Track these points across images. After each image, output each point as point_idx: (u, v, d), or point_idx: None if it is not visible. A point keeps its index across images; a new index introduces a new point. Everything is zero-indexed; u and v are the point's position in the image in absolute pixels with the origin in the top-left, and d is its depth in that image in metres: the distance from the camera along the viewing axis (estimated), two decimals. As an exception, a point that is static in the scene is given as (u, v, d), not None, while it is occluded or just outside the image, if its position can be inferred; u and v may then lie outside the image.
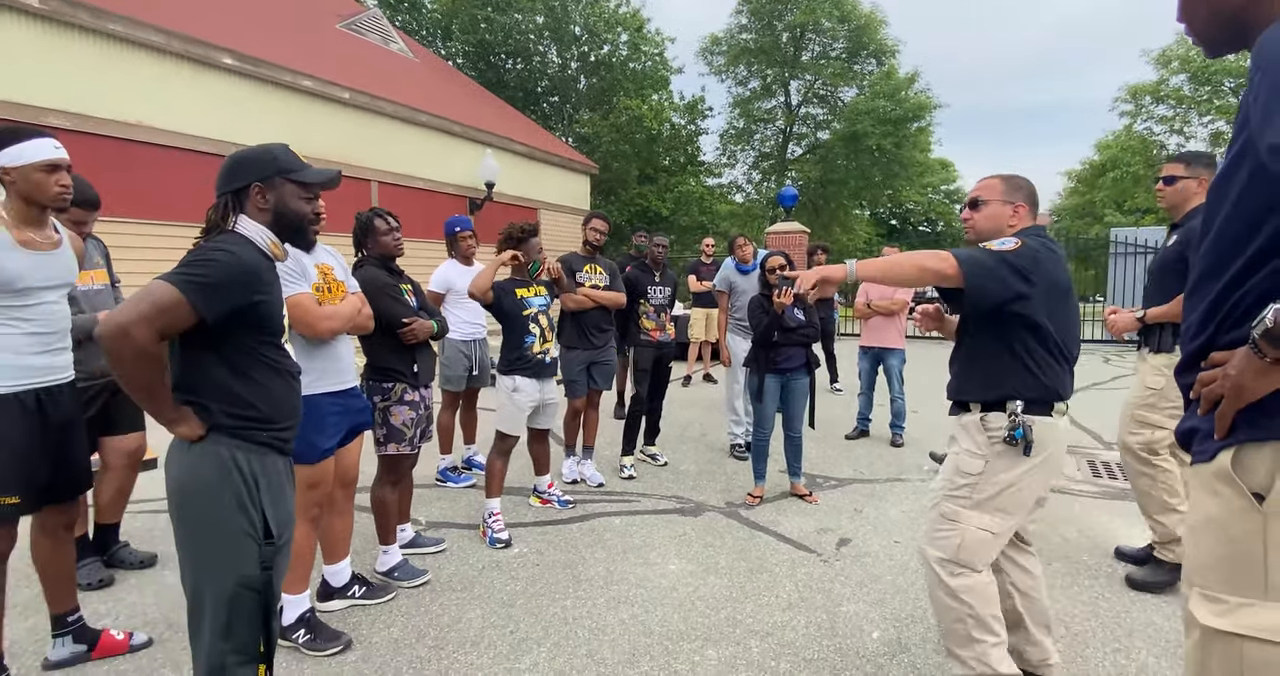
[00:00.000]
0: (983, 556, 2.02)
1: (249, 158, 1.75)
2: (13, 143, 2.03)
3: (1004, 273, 1.89)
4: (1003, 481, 1.99)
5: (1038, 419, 1.97)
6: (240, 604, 1.63)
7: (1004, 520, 2.01)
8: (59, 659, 2.32)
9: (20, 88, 6.44)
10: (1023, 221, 2.12)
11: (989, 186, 2.17)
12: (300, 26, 11.50)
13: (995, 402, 2.02)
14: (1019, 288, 1.90)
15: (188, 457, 1.63)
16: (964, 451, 2.07)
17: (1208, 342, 1.10)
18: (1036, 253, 1.93)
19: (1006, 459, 1.98)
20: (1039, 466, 1.99)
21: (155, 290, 1.50)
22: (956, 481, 2.06)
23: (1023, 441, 1.94)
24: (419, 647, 2.50)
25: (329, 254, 2.72)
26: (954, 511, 2.05)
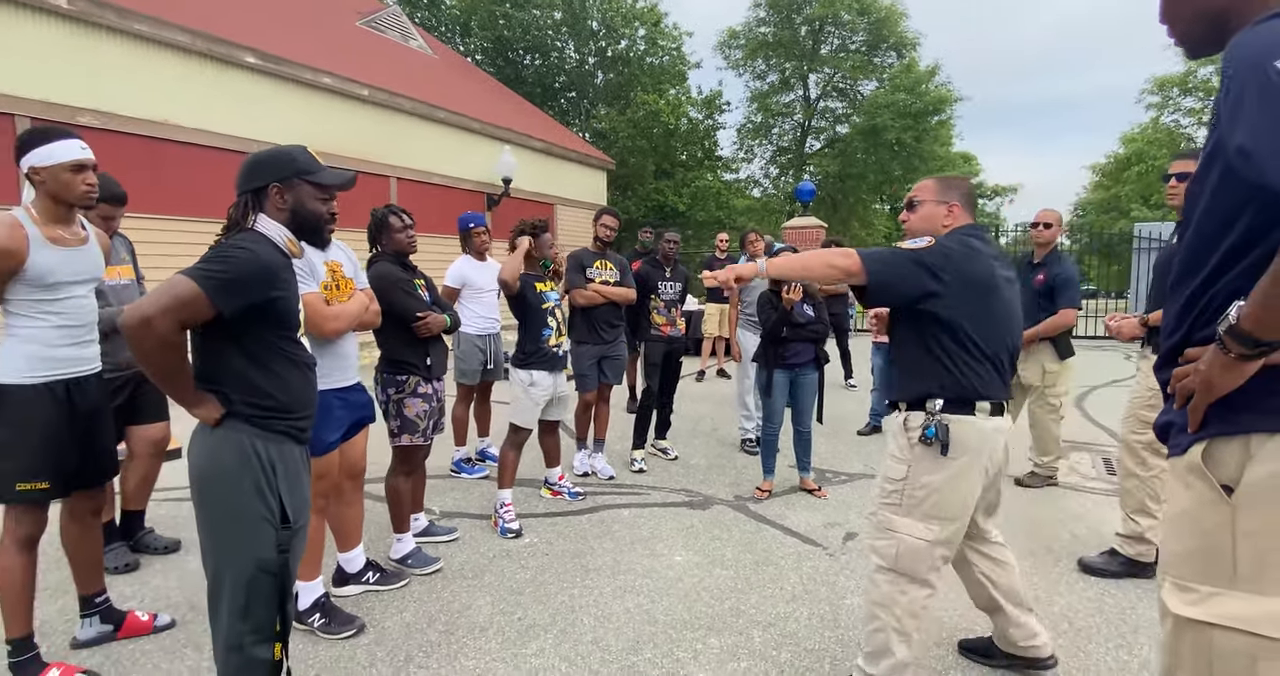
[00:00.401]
0: (920, 565, 1.98)
1: (269, 159, 1.82)
2: (42, 144, 2.11)
3: (910, 270, 1.90)
4: (928, 485, 1.95)
5: (957, 418, 1.94)
6: (258, 585, 1.71)
7: (940, 527, 1.96)
8: (87, 638, 2.43)
9: (53, 87, 6.61)
10: (958, 220, 2.12)
11: (924, 187, 2.19)
12: (321, 24, 11.65)
13: (916, 402, 2.01)
14: (928, 286, 1.90)
15: (210, 445, 1.71)
16: (890, 456, 2.07)
17: (1183, 339, 1.12)
18: (949, 250, 1.93)
19: (928, 461, 1.95)
20: (965, 468, 1.95)
21: (176, 284, 1.57)
22: (886, 487, 2.05)
23: (938, 441, 1.92)
24: (430, 632, 2.57)
25: (340, 250, 2.79)
26: (888, 519, 2.03)
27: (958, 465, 1.94)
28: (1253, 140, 0.91)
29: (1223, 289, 1.05)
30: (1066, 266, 4.13)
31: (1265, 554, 1.01)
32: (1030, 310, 4.21)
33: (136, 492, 3.24)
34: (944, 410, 1.94)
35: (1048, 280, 4.11)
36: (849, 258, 1.91)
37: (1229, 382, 1.02)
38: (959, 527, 2.00)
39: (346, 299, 2.65)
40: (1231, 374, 1.01)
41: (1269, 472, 1.01)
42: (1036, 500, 4.08)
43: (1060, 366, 4.19)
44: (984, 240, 2.05)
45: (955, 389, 1.95)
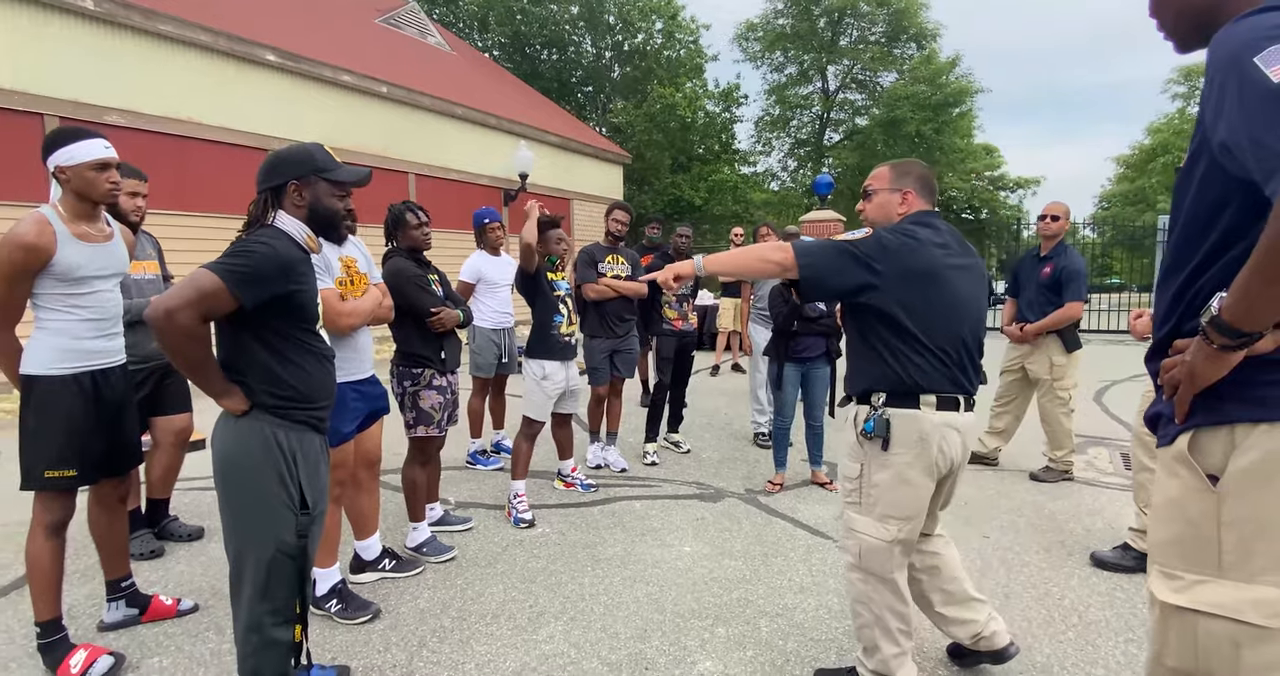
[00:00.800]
0: (883, 564, 1.96)
1: (288, 157, 1.88)
2: (67, 143, 2.19)
3: (844, 263, 1.86)
4: (881, 483, 1.93)
5: (899, 412, 1.90)
6: (278, 568, 1.78)
7: (897, 527, 1.93)
8: (113, 621, 2.52)
9: (81, 87, 6.78)
10: (913, 207, 2.07)
11: (878, 175, 2.14)
12: (340, 22, 11.77)
13: (863, 396, 1.99)
14: (862, 277, 1.86)
15: (233, 434, 1.78)
16: (844, 454, 2.06)
17: (1173, 331, 1.13)
18: (886, 241, 1.88)
19: (878, 458, 1.92)
20: (913, 463, 1.90)
21: (199, 277, 1.64)
22: (846, 486, 2.04)
23: (878, 436, 1.89)
24: (443, 618, 2.63)
25: (354, 245, 2.85)
26: (850, 518, 2.02)
27: (903, 461, 1.91)
28: (1234, 135, 0.92)
29: (1208, 281, 1.06)
30: (1073, 259, 4.09)
31: (1249, 541, 1.02)
32: (1037, 303, 4.18)
33: (161, 481, 3.34)
34: (886, 404, 1.92)
35: (1054, 273, 4.08)
36: (783, 252, 1.87)
37: (1213, 373, 1.02)
38: (916, 525, 1.97)
39: (360, 294, 2.71)
40: (1215, 364, 1.01)
41: (1252, 461, 1.02)
42: (1051, 495, 4.06)
43: (1068, 359, 4.15)
44: (932, 228, 1.98)
45: (896, 382, 1.91)
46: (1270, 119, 0.87)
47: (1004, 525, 3.61)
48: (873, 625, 2.01)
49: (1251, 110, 0.89)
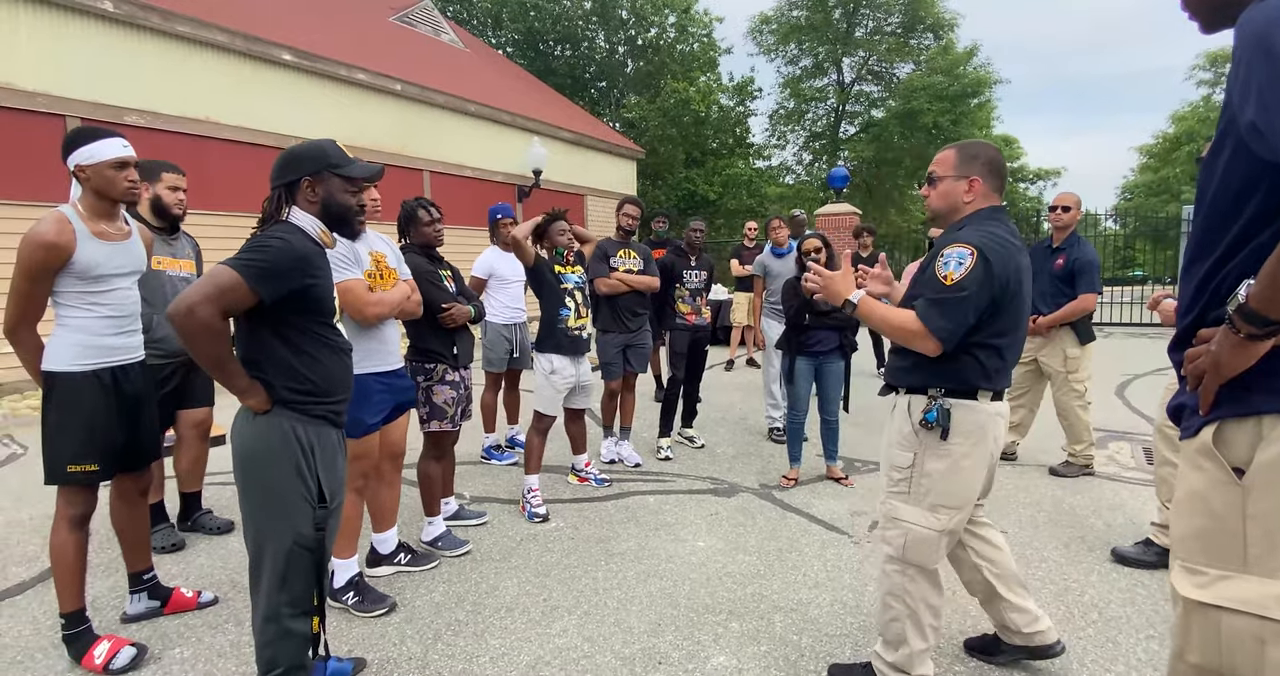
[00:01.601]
0: (930, 555, 1.96)
1: (301, 153, 1.89)
2: (86, 143, 2.22)
3: (967, 310, 1.83)
4: (934, 473, 1.92)
5: (959, 402, 1.90)
6: (296, 560, 1.80)
7: (948, 516, 1.93)
8: (135, 613, 2.57)
9: (101, 88, 6.87)
10: (979, 196, 1.98)
11: (942, 159, 2.04)
12: (354, 20, 11.83)
13: (918, 388, 1.97)
14: (979, 309, 1.85)
15: (252, 429, 1.80)
16: (894, 444, 2.02)
17: (1197, 320, 1.10)
18: (993, 269, 1.82)
19: (932, 448, 1.92)
20: (969, 453, 1.91)
21: (218, 274, 1.66)
22: (894, 476, 2.01)
23: (938, 426, 1.88)
24: (458, 611, 2.65)
25: (383, 242, 2.87)
26: (895, 508, 2.00)
27: (961, 451, 1.90)
28: (1264, 115, 0.89)
29: (1235, 268, 1.03)
30: (1086, 250, 4.02)
31: (1275, 535, 0.99)
32: (1050, 295, 4.11)
33: (189, 474, 3.40)
34: (946, 395, 1.91)
35: (1067, 264, 4.02)
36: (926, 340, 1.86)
37: (1239, 363, 1.00)
38: (965, 515, 1.97)
39: (390, 287, 2.73)
40: (1242, 354, 0.99)
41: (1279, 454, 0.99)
42: (1071, 489, 4.00)
43: (1082, 351, 4.09)
44: (1010, 228, 1.95)
45: (960, 378, 1.91)
46: None
47: (1023, 520, 3.57)
48: (904, 619, 1.98)
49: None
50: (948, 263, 1.87)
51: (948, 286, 1.85)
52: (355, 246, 2.60)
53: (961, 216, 2.01)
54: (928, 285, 1.91)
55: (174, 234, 3.23)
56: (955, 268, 1.85)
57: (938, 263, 1.90)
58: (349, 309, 2.57)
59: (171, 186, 3.11)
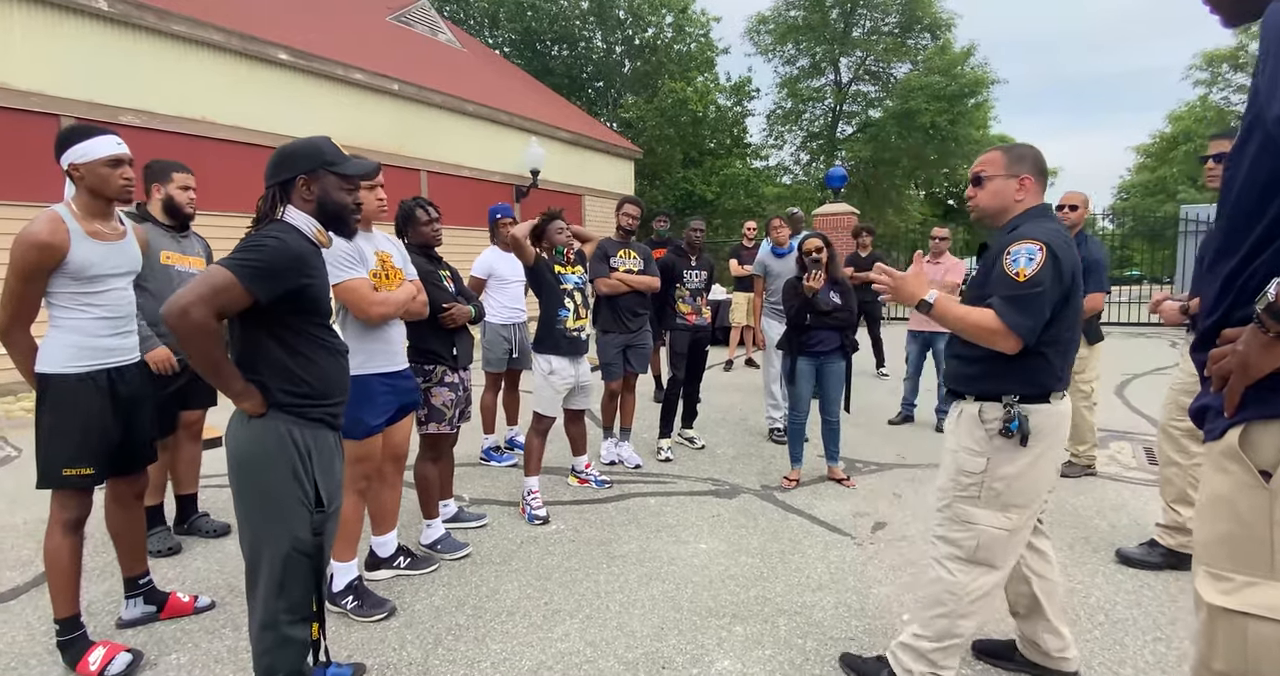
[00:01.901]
0: (1002, 554, 1.97)
1: (295, 151, 1.86)
2: (80, 141, 2.18)
3: (1042, 306, 1.84)
4: (1007, 476, 1.92)
5: (1035, 407, 1.91)
6: (293, 565, 1.77)
7: (1019, 515, 1.94)
8: (131, 618, 2.53)
9: (96, 88, 6.82)
10: (1030, 195, 2.00)
11: (990, 160, 2.06)
12: (351, 20, 11.79)
13: (990, 394, 1.96)
14: (1054, 306, 1.87)
15: (247, 432, 1.77)
16: (963, 449, 2.00)
17: (1222, 319, 1.08)
18: (1062, 265, 1.84)
19: (1007, 452, 1.92)
20: (1043, 454, 1.93)
21: (212, 274, 1.63)
22: (962, 481, 2.00)
23: (1018, 433, 1.88)
24: (458, 615, 2.62)
25: (389, 242, 2.84)
26: (967, 512, 1.98)
27: (1036, 453, 1.91)
28: None
29: (1262, 266, 1.00)
30: (1094, 249, 4.00)
31: None
32: None
33: (184, 476, 3.37)
34: (1021, 400, 1.91)
35: None
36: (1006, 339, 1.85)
37: (1268, 363, 0.97)
38: (1034, 511, 1.99)
39: (395, 288, 2.69)
40: (1270, 354, 0.96)
41: None
42: (1074, 490, 3.98)
43: (1090, 351, 4.07)
44: (1062, 225, 1.96)
45: (1034, 380, 1.92)
46: None
47: (1026, 521, 3.54)
48: (954, 615, 1.98)
49: None
50: (1017, 259, 1.86)
51: (1021, 283, 1.84)
52: (361, 246, 2.57)
53: (1012, 215, 2.02)
54: (999, 284, 1.89)
55: (184, 232, 3.23)
56: (1027, 264, 1.85)
57: (1005, 260, 1.89)
58: (353, 309, 2.53)
59: (182, 186, 3.15)
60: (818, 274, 3.82)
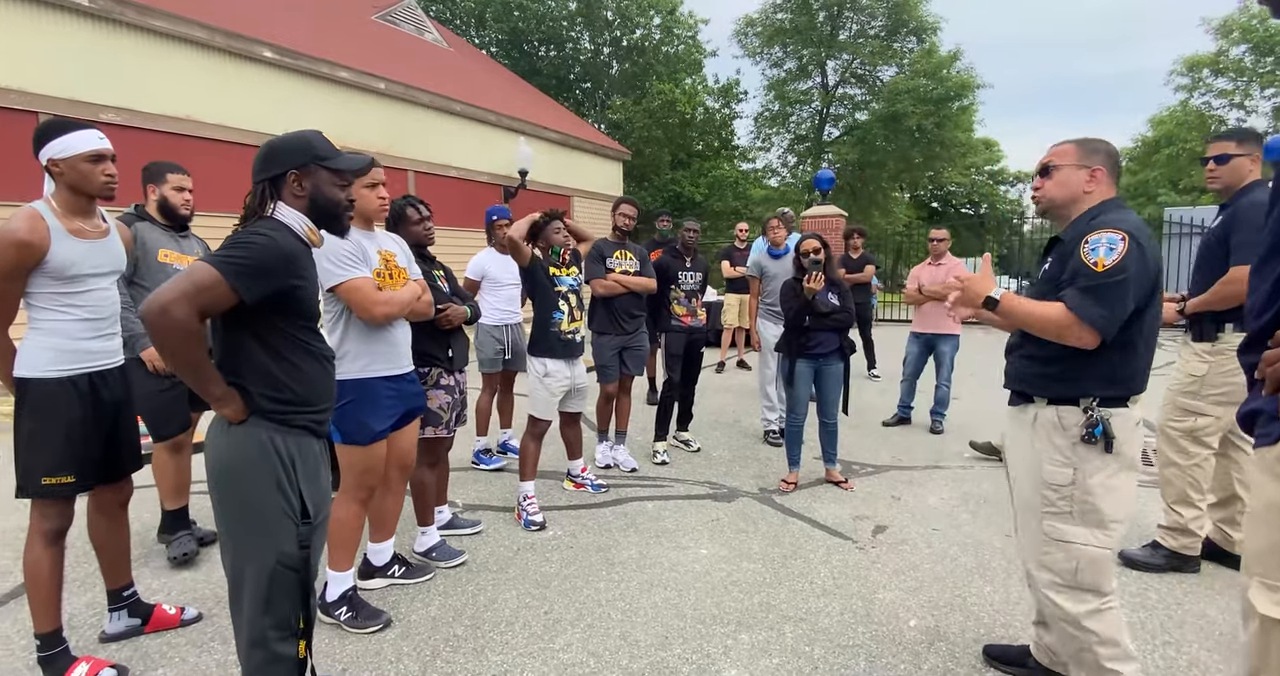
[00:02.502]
0: (1105, 575, 1.84)
1: (286, 145, 1.78)
2: (59, 135, 2.09)
3: (1124, 297, 1.73)
4: (1098, 486, 1.80)
5: (1115, 410, 1.80)
6: (280, 580, 1.68)
7: (1117, 528, 1.82)
8: (115, 632, 2.43)
9: (76, 85, 6.66)
10: (1101, 188, 1.90)
11: (1062, 152, 1.96)
12: (336, 18, 11.65)
13: (1066, 398, 1.84)
14: (1139, 301, 1.76)
15: (227, 440, 1.68)
16: (1045, 460, 1.87)
17: (1273, 320, 1.04)
18: (1145, 253, 1.74)
19: (1095, 461, 1.80)
20: (1132, 461, 1.82)
21: (196, 271, 1.54)
22: (1049, 496, 1.86)
23: (1102, 438, 1.77)
24: (456, 626, 2.54)
25: (393, 241, 2.76)
26: (1059, 530, 1.84)
27: (1124, 460, 1.81)
28: None
29: None
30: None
31: None
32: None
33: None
34: (1101, 404, 1.81)
35: None
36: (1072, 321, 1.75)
37: None
38: (1127, 526, 1.88)
39: (399, 287, 2.61)
40: None
41: None
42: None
43: None
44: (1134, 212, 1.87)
45: (1115, 381, 1.81)
46: None
47: (1026, 523, 3.52)
48: (1093, 647, 1.82)
49: None
50: (1095, 249, 1.77)
51: (1100, 272, 1.74)
52: (364, 244, 2.49)
53: (1081, 207, 1.92)
54: (1076, 274, 1.79)
55: (183, 232, 3.17)
56: (1107, 253, 1.75)
57: (1083, 250, 1.79)
58: (356, 309, 2.44)
59: (177, 187, 3.10)
60: (818, 275, 3.79)
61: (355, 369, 2.47)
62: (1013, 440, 2.03)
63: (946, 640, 2.45)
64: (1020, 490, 1.97)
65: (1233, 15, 21.50)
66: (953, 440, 5.14)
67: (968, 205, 37.28)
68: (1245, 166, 2.79)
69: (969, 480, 4.23)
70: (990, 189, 35.77)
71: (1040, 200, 2.01)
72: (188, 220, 3.15)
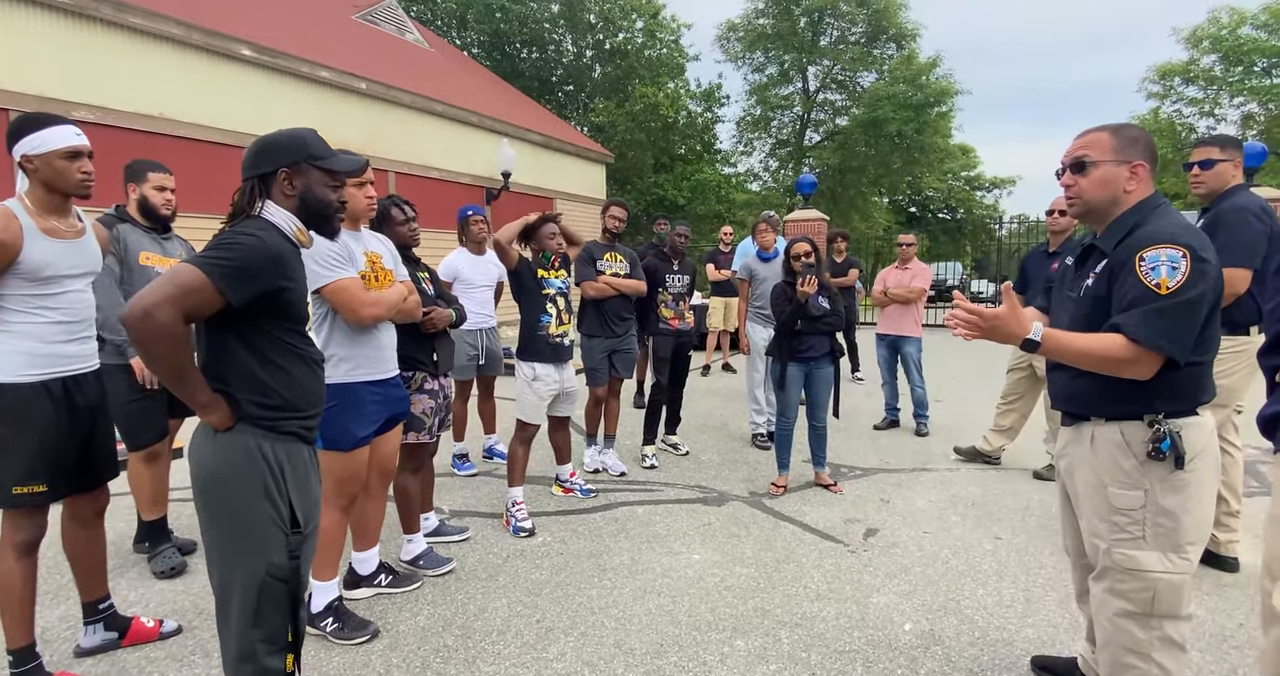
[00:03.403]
0: (1181, 601, 1.68)
1: (278, 142, 1.72)
2: (34, 130, 2.01)
3: (1195, 316, 1.58)
4: (1175, 509, 1.64)
5: (1185, 421, 1.65)
6: (270, 592, 1.63)
7: (1196, 552, 1.67)
8: (90, 646, 2.34)
9: (48, 82, 6.48)
10: (1143, 186, 1.71)
11: (1095, 142, 1.74)
12: (316, 17, 11.49)
13: (1128, 413, 1.69)
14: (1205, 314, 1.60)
15: (213, 446, 1.62)
16: (1112, 484, 1.72)
17: None
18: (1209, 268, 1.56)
19: (1167, 481, 1.64)
20: (1206, 477, 1.66)
21: (180, 272, 1.48)
22: (1119, 521, 1.70)
23: (1172, 454, 1.62)
24: (446, 636, 2.49)
25: (379, 242, 2.71)
26: (1132, 558, 1.68)
27: (1199, 477, 1.65)
28: None
29: None
30: None
31: None
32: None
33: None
34: (1169, 416, 1.65)
35: None
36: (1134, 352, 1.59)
37: None
38: (1203, 546, 1.71)
39: (386, 289, 2.55)
40: None
41: None
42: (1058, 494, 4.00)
43: None
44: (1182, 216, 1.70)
45: (1185, 394, 1.66)
46: None
47: (1015, 526, 3.54)
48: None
49: None
50: (1157, 268, 1.59)
51: (1164, 295, 1.57)
52: (350, 245, 2.43)
53: (1121, 209, 1.73)
54: (1135, 296, 1.61)
55: (165, 233, 3.07)
56: (1170, 273, 1.58)
57: (1140, 268, 1.61)
58: (343, 310, 2.38)
59: (158, 186, 3.00)
60: (811, 278, 3.78)
61: (340, 373, 2.41)
62: (1071, 463, 1.85)
63: (942, 644, 2.44)
64: (1085, 517, 1.81)
65: (1202, 25, 22.02)
66: (938, 442, 5.16)
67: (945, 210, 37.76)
68: (1229, 171, 2.84)
69: (957, 482, 4.25)
70: (967, 194, 36.26)
71: (1075, 201, 1.80)
72: (169, 220, 3.07)
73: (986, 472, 4.45)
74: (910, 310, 5.48)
